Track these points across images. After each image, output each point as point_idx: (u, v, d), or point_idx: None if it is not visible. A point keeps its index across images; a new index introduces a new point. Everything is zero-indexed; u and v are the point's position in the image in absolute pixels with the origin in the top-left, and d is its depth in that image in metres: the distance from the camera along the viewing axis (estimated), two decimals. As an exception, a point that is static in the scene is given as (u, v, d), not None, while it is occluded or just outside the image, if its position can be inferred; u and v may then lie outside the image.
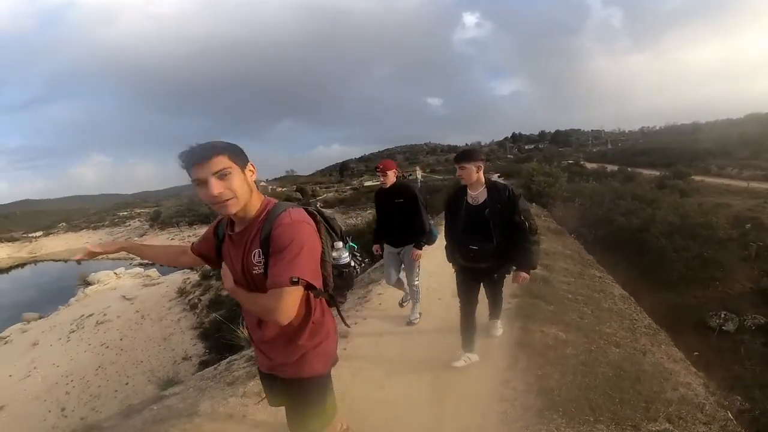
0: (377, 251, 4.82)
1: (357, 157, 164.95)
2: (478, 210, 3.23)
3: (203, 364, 12.73)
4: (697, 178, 29.20)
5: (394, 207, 4.34)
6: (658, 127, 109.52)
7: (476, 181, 3.22)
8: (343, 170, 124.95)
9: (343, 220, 57.39)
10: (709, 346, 8.87)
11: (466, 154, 3.24)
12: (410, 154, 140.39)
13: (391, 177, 4.33)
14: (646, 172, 35.36)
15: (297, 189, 79.61)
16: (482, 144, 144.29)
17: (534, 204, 18.46)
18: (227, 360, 4.90)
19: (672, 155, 42.92)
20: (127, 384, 18.64)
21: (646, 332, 4.57)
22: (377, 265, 9.21)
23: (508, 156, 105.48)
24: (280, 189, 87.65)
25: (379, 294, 6.04)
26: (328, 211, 1.92)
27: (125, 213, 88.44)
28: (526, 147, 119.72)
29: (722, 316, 9.97)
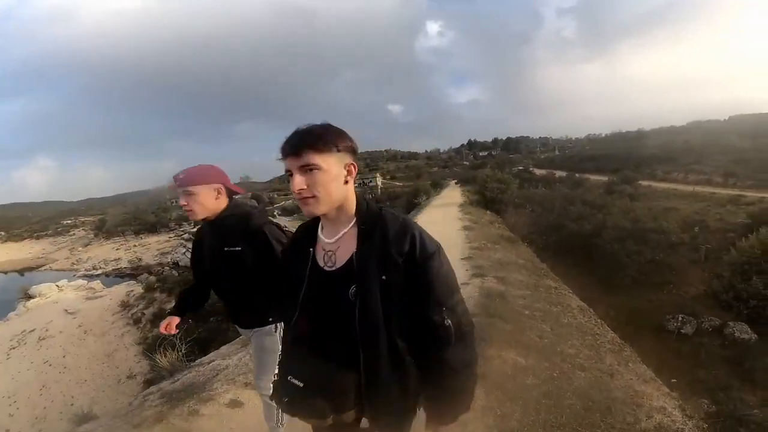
0: (165, 330, 2.29)
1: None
2: (334, 284, 1.28)
3: (147, 383, 12.00)
4: (644, 182, 30.64)
5: (223, 261, 2.16)
6: (604, 134, 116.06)
7: (330, 206, 1.25)
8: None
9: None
10: (669, 350, 8.92)
11: (304, 137, 1.19)
12: (371, 161, 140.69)
13: (209, 202, 2.09)
14: (593, 177, 36.91)
15: (253, 197, 77.07)
16: (441, 151, 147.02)
17: (488, 212, 18.65)
18: (144, 393, 4.22)
19: (618, 161, 45.22)
20: (72, 405, 16.98)
21: (610, 349, 4.26)
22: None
23: (464, 162, 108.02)
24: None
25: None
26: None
27: (69, 221, 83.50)
28: (481, 154, 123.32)
29: (680, 319, 10.04)
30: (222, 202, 2.17)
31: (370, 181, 77.37)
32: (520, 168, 57.54)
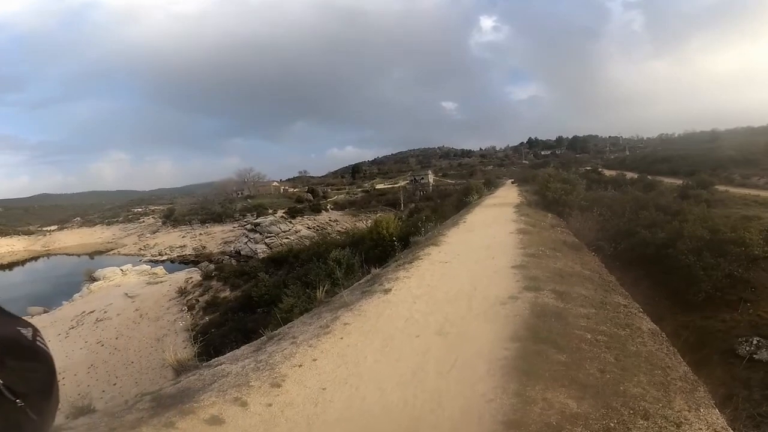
0: None
1: (370, 159, 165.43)
2: None
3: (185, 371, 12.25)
4: (721, 187, 27.46)
5: None
6: (676, 135, 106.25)
7: None
8: (355, 172, 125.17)
9: (353, 223, 56.93)
10: (736, 377, 7.72)
11: None
12: (423, 158, 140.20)
13: None
14: (667, 180, 33.63)
15: (308, 190, 79.30)
16: (497, 149, 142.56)
17: (550, 214, 17.37)
18: (142, 393, 4.07)
19: (693, 163, 40.89)
20: (115, 384, 18.22)
21: (681, 388, 3.56)
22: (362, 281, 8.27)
23: (524, 161, 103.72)
24: (292, 189, 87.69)
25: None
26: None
27: (140, 209, 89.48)
28: (542, 152, 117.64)
29: (753, 342, 8.80)
30: None
31: (422, 179, 77.22)
32: (588, 168, 53.90)
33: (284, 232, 51.62)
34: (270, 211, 60.89)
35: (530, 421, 2.92)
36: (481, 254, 9.00)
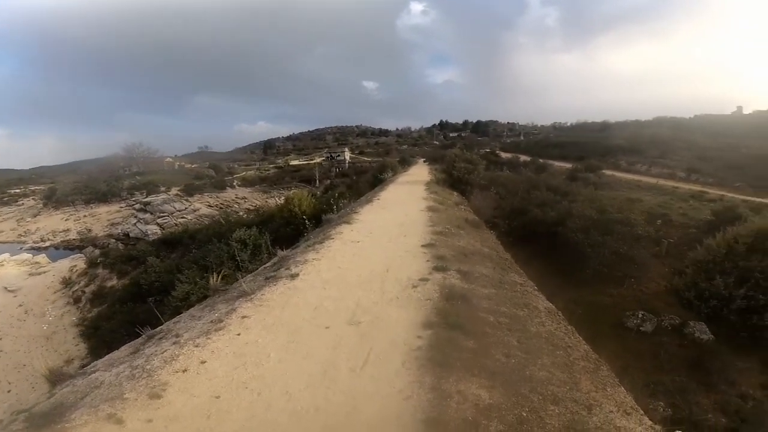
0: None
1: (284, 135, 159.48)
2: None
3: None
4: (608, 172, 31.04)
5: None
6: (569, 124, 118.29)
7: None
8: (267, 148, 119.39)
9: (263, 200, 54.22)
10: (627, 349, 8.64)
11: None
12: (340, 135, 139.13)
13: None
14: (557, 163, 37.15)
15: (210, 166, 73.68)
16: (412, 129, 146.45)
17: (455, 193, 18.11)
18: (18, 411, 3.33)
19: (583, 149, 45.71)
20: (9, 392, 15.63)
21: (585, 368, 3.72)
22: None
23: (435, 142, 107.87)
24: (190, 166, 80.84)
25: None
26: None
27: (18, 190, 75.99)
28: (451, 134, 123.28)
29: (639, 316, 9.74)
30: None
31: (338, 155, 76.49)
32: (487, 150, 57.66)
33: (179, 211, 47.54)
34: (162, 188, 55.57)
35: (449, 419, 2.80)
36: (393, 232, 8.90)
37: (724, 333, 8.91)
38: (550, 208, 15.89)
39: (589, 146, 48.11)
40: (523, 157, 42.96)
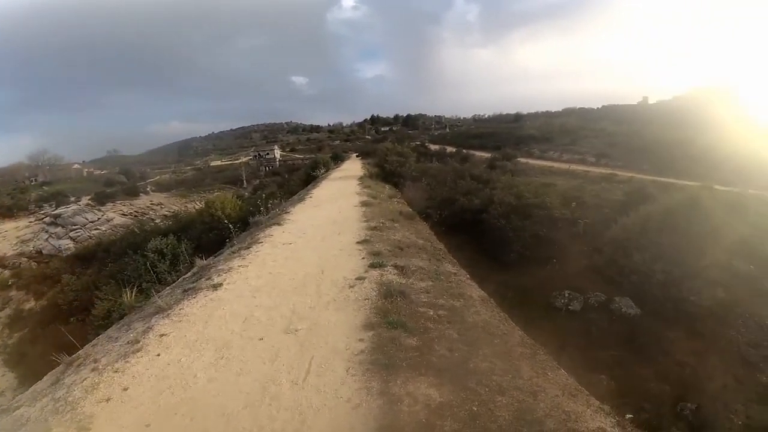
0: None
1: (203, 135, 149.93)
2: None
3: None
4: (522, 159, 33.25)
5: None
6: (487, 116, 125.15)
7: None
8: (183, 150, 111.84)
9: (182, 205, 50.56)
10: (560, 328, 9.08)
11: None
12: (269, 133, 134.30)
13: None
14: (478, 153, 39.28)
15: (121, 171, 67.38)
16: (344, 125, 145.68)
17: (388, 186, 18.27)
18: None
19: (500, 139, 48.91)
20: None
21: (523, 354, 3.84)
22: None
23: (367, 137, 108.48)
24: (99, 172, 73.45)
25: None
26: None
27: None
28: (383, 129, 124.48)
29: (566, 295, 10.22)
30: None
31: (267, 154, 74.05)
32: (417, 143, 59.23)
33: (92, 222, 43.05)
34: (72, 198, 50.04)
35: (402, 423, 2.74)
36: (327, 231, 8.70)
37: (649, 307, 9.58)
38: (474, 196, 16.51)
39: (505, 136, 51.34)
40: (450, 149, 44.65)
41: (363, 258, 6.51)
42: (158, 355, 3.87)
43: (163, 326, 4.45)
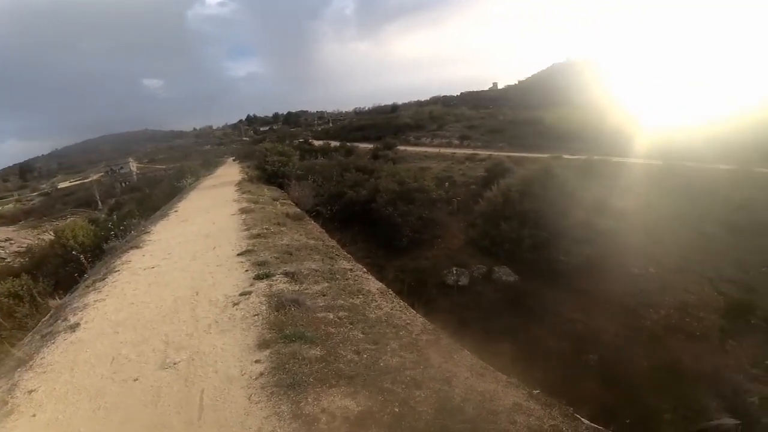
0: None
1: (46, 153, 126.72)
2: None
3: None
4: (401, 147, 34.76)
5: None
6: (367, 108, 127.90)
7: None
8: (25, 172, 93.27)
9: (36, 237, 41.90)
10: (456, 304, 9.45)
11: None
12: (122, 144, 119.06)
13: None
14: (362, 145, 39.95)
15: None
16: (214, 128, 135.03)
17: (272, 187, 17.23)
18: None
19: (380, 130, 50.61)
20: None
21: (428, 342, 3.75)
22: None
23: (244, 138, 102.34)
24: None
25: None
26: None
27: None
28: (261, 129, 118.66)
29: (454, 272, 10.68)
30: None
31: (122, 168, 65.49)
32: (300, 140, 57.83)
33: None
34: None
35: None
36: (199, 247, 7.72)
37: (526, 271, 10.37)
38: (361, 188, 16.69)
39: (385, 127, 53.30)
40: (334, 143, 44.56)
41: (246, 270, 5.85)
42: (34, 415, 3.25)
43: (29, 381, 3.76)
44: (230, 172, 28.39)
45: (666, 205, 13.35)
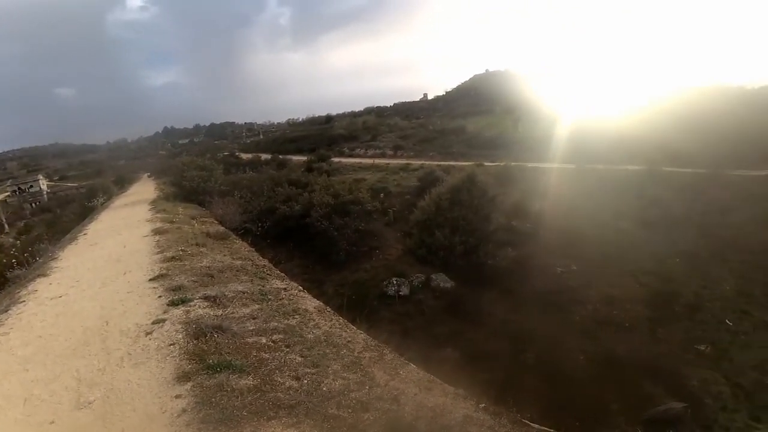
0: None
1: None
2: None
3: None
4: (336, 159, 34.34)
5: None
6: (301, 119, 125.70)
7: None
8: None
9: None
10: (398, 314, 9.32)
11: None
12: (30, 160, 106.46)
13: None
14: (295, 158, 38.86)
15: None
16: (129, 141, 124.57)
17: (190, 205, 15.98)
18: None
19: (314, 141, 49.78)
20: None
21: (372, 359, 3.58)
22: None
23: (161, 152, 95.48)
24: None
25: None
26: None
27: None
28: (180, 142, 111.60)
29: (394, 282, 10.66)
30: None
31: (31, 186, 58.88)
32: (226, 153, 54.98)
33: None
34: None
35: None
36: (109, 272, 6.97)
37: (461, 276, 10.58)
38: (295, 202, 16.19)
39: (319, 138, 52.57)
40: (264, 156, 42.99)
41: (159, 296, 5.31)
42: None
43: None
44: (144, 189, 26.33)
45: (581, 206, 14.16)
